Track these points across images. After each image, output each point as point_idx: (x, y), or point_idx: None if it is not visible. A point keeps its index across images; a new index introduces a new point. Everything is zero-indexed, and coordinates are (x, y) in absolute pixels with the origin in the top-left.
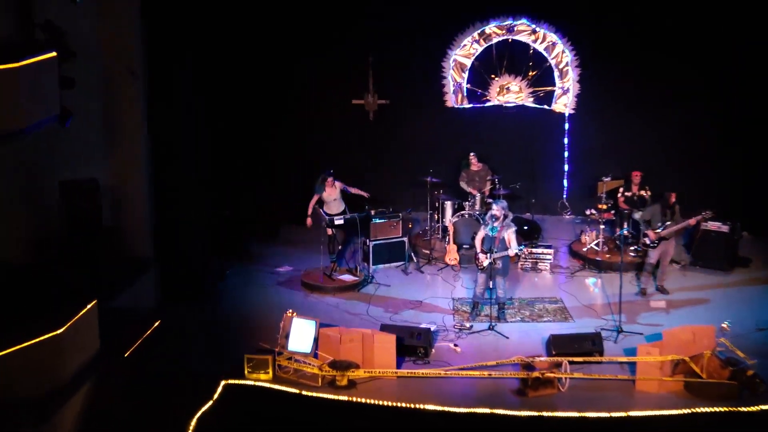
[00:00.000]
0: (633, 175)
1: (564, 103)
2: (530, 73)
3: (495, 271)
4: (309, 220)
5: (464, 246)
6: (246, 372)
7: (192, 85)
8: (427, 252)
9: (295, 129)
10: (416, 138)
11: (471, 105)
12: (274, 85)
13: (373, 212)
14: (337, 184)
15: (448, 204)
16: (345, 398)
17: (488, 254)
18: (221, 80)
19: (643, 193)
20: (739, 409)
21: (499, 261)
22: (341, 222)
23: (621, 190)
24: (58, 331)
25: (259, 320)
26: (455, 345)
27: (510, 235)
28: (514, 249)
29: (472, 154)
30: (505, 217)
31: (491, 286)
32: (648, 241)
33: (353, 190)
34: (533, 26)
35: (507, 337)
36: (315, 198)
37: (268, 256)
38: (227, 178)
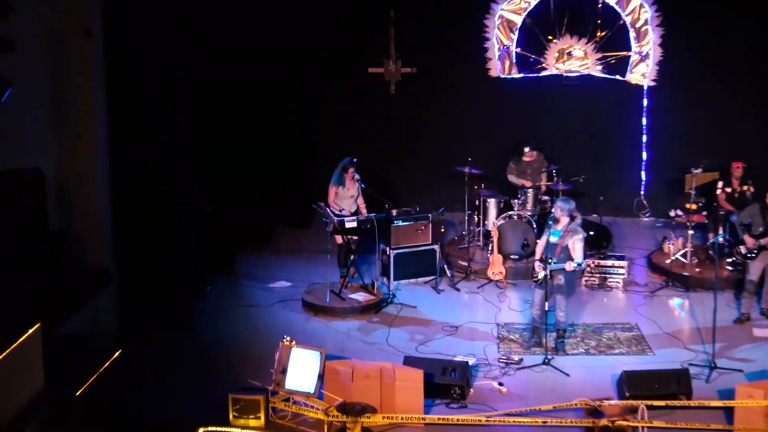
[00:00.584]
0: (733, 167)
1: (642, 73)
2: (598, 34)
3: (554, 287)
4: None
5: (512, 256)
6: (231, 417)
7: (168, 53)
8: (465, 264)
9: (297, 108)
10: (450, 117)
11: (522, 75)
12: (274, 55)
13: (394, 212)
14: (356, 177)
15: (492, 202)
16: None
17: (545, 264)
18: (209, 48)
19: (745, 188)
20: None
21: (560, 275)
22: (353, 225)
23: (720, 185)
24: None
25: (248, 350)
26: (500, 384)
27: (575, 242)
28: (574, 262)
29: (527, 148)
30: (572, 219)
31: (548, 308)
32: (744, 250)
33: (360, 203)
34: None
35: (567, 374)
36: (333, 192)
37: (260, 267)
38: (211, 170)
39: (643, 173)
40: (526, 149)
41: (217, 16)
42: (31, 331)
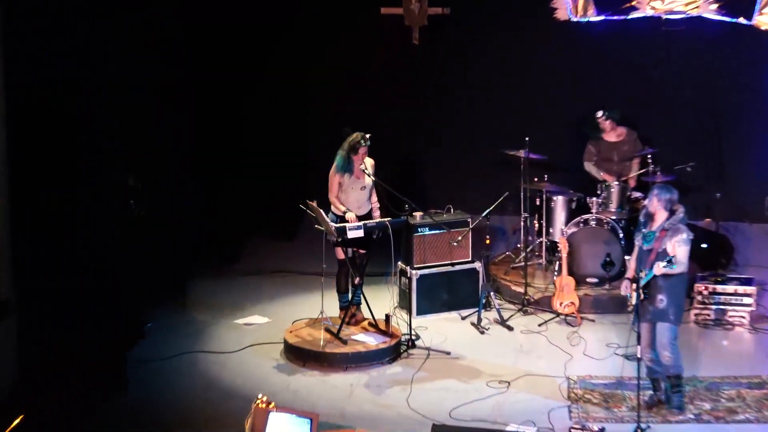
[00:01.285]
0: None
1: None
2: None
3: (654, 313)
4: (350, 216)
5: (590, 280)
6: None
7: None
8: (520, 290)
9: (282, 73)
10: (498, 79)
11: (603, 17)
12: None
13: (418, 216)
14: (371, 165)
15: (560, 201)
16: None
17: (636, 282)
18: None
19: None
20: None
21: (661, 295)
22: (357, 233)
23: None
24: None
25: (205, 415)
26: None
27: (676, 245)
28: (663, 261)
29: (600, 113)
30: (672, 213)
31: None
32: None
33: (374, 201)
34: None
35: None
36: (335, 183)
37: (225, 295)
38: (159, 169)
39: None
40: (599, 115)
41: None
42: None
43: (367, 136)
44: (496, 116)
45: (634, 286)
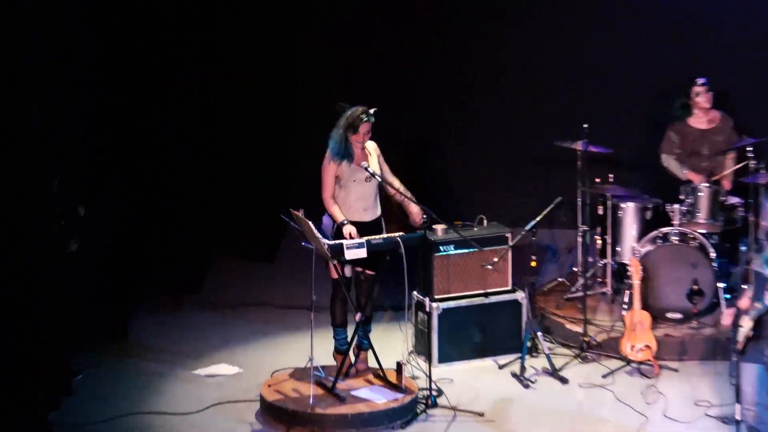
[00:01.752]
0: None
1: None
2: None
3: (761, 356)
4: (350, 232)
5: (672, 315)
6: None
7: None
8: (577, 330)
9: (260, 52)
10: (545, 49)
11: None
12: None
13: (439, 230)
14: (374, 149)
15: (630, 209)
16: None
17: (749, 314)
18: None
19: None
20: None
21: None
22: (361, 253)
23: None
24: None
25: None
26: None
27: None
28: None
29: (701, 81)
30: None
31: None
32: None
33: (395, 190)
34: None
35: None
36: (330, 178)
37: (180, 336)
38: (88, 171)
39: None
40: (700, 82)
41: None
42: None
43: (371, 110)
44: (543, 98)
45: (745, 319)
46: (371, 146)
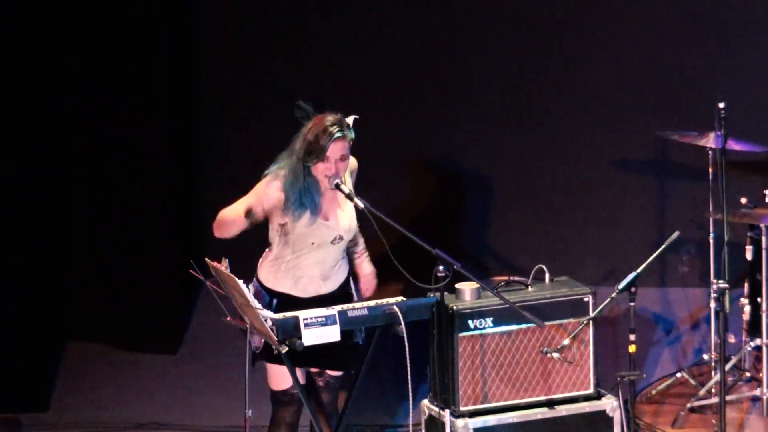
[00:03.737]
0: None
1: None
2: None
3: None
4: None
5: None
6: None
7: None
8: None
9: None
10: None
11: None
12: None
13: (467, 292)
14: (351, 168)
15: None
16: None
17: None
18: None
19: None
20: None
21: None
22: (330, 335)
23: None
24: None
25: None
26: None
27: None
28: None
29: None
30: None
31: None
32: None
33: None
34: None
35: None
36: (270, 200)
37: None
38: None
39: None
40: None
41: None
42: None
43: (349, 119)
44: (639, 54)
45: None
46: (348, 171)
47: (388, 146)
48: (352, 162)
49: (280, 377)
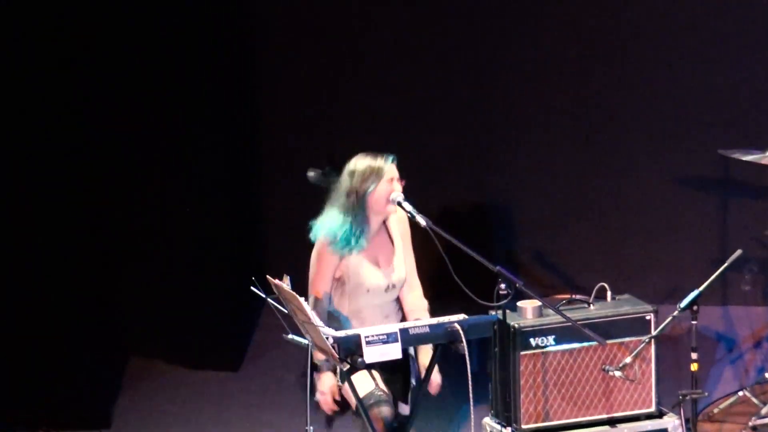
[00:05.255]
0: None
1: None
2: None
3: None
4: (327, 402)
5: None
6: None
7: None
8: None
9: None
10: None
11: None
12: None
13: (529, 310)
14: (401, 222)
15: None
16: None
17: None
18: None
19: None
20: None
21: None
22: (392, 353)
23: None
24: None
25: None
26: None
27: None
28: None
29: None
30: None
31: None
32: None
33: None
34: None
35: None
36: (329, 273)
37: None
38: None
39: None
40: None
41: None
42: None
43: (392, 158)
44: (696, 75)
45: None
46: (393, 217)
47: (444, 164)
48: (400, 211)
49: (362, 383)
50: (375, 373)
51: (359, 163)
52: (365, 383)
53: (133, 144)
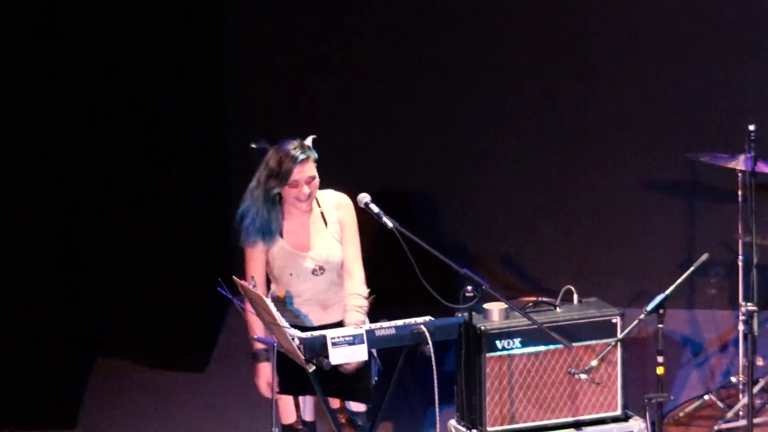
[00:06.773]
0: None
1: None
2: None
3: None
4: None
5: None
6: None
7: None
8: None
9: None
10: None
11: None
12: None
13: (495, 312)
14: (339, 206)
15: None
16: None
17: None
18: None
19: None
20: None
21: None
22: (358, 355)
23: None
24: None
25: None
26: None
27: None
28: None
29: None
30: None
31: None
32: None
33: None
34: None
35: None
36: (258, 261)
37: None
38: None
39: None
40: None
41: None
42: None
43: (308, 140)
44: (662, 84)
45: None
46: (332, 201)
47: (412, 165)
48: (343, 202)
49: (285, 411)
50: (301, 401)
51: (272, 158)
52: (288, 413)
53: (99, 144)
